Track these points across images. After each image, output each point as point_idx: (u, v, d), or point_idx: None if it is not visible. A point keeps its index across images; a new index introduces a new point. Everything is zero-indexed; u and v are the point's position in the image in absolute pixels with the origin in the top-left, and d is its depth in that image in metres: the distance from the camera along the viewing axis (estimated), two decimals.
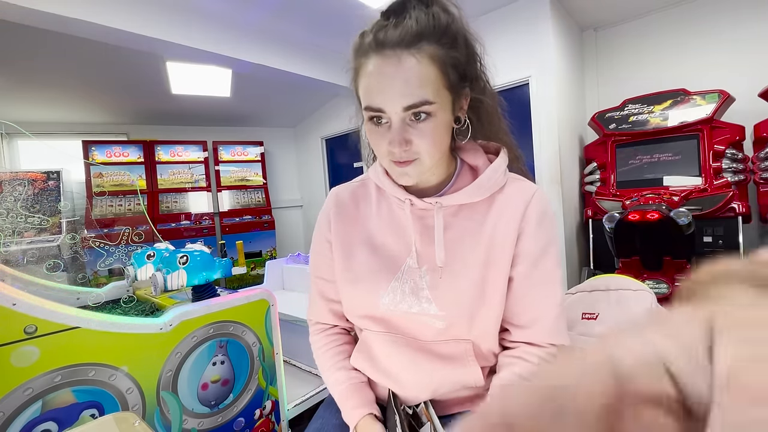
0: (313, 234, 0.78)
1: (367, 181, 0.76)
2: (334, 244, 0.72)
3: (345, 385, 0.70)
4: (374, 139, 0.60)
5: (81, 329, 0.90)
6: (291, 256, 2.42)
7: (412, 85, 0.54)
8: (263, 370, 1.25)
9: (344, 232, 0.72)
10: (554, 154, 2.73)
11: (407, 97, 0.54)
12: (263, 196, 4.61)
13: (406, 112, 0.55)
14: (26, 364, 0.83)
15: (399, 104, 0.55)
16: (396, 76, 0.54)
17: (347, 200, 0.74)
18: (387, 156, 0.60)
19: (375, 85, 0.56)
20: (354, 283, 0.70)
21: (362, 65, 0.58)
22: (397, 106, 0.55)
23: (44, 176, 3.15)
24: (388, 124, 0.58)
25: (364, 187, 0.76)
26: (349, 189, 0.76)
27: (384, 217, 0.70)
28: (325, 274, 0.75)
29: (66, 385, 0.88)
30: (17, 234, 1.39)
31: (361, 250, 0.70)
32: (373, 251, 0.69)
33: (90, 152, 3.69)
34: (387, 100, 0.55)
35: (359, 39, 0.59)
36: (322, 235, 0.75)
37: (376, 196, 0.73)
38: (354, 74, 0.61)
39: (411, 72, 0.54)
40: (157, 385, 1.02)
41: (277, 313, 1.29)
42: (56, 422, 0.87)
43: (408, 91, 0.54)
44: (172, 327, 1.04)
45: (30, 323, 0.84)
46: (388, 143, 0.58)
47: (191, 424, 1.08)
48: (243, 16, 2.74)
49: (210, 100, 3.89)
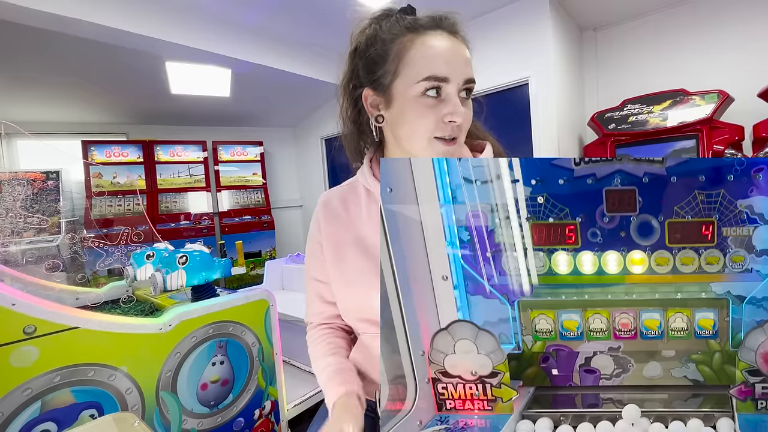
0: (307, 238, 0.78)
1: (355, 184, 0.75)
2: (325, 247, 0.72)
3: (330, 369, 0.69)
4: (424, 115, 0.59)
5: (80, 329, 0.90)
6: (290, 256, 2.42)
7: (467, 63, 0.60)
8: (263, 370, 1.25)
9: (334, 235, 0.72)
10: (554, 154, 2.73)
11: (468, 71, 0.60)
12: (263, 196, 4.61)
13: (464, 85, 0.59)
14: (25, 365, 0.83)
15: (462, 76, 0.59)
16: (459, 52, 0.59)
17: (336, 204, 0.74)
18: (437, 131, 0.60)
19: (441, 55, 0.58)
20: (347, 285, 0.70)
21: (413, 40, 0.59)
22: (460, 77, 0.58)
23: (43, 176, 3.15)
24: (441, 98, 0.59)
25: (353, 190, 0.75)
26: (337, 193, 0.76)
27: (374, 219, 0.70)
28: (320, 276, 0.75)
29: (65, 385, 0.88)
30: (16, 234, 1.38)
31: (352, 253, 0.70)
32: (364, 252, 0.69)
33: (89, 152, 3.69)
34: (454, 71, 0.58)
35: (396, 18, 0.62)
36: (314, 238, 0.75)
37: (365, 199, 0.72)
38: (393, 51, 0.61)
39: (466, 53, 0.61)
40: (156, 385, 1.02)
41: (276, 313, 1.29)
42: (55, 422, 0.87)
43: (468, 68, 0.60)
44: (171, 327, 1.04)
45: (29, 323, 0.84)
46: (446, 114, 0.58)
47: (191, 425, 1.08)
48: (243, 16, 2.74)
49: (209, 100, 3.89)
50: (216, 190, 4.34)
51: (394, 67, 0.60)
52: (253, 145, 4.60)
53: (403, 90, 0.60)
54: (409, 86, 0.59)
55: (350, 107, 0.71)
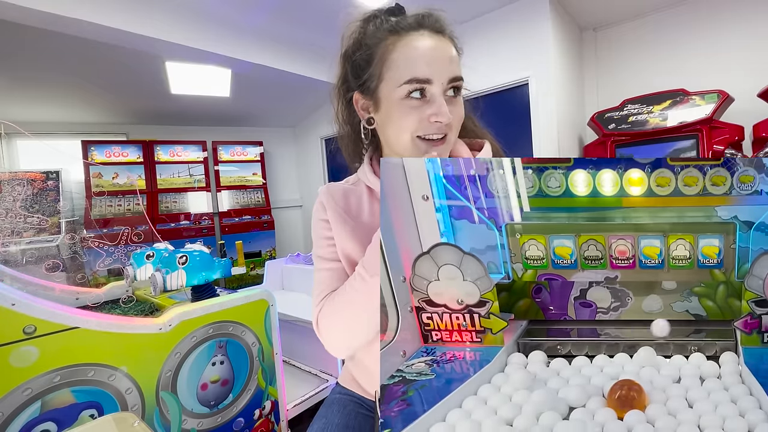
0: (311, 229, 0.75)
1: (358, 183, 0.75)
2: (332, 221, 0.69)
3: None
4: (408, 114, 0.59)
5: (80, 329, 0.90)
6: (290, 256, 2.42)
7: (453, 61, 0.59)
8: (263, 370, 1.25)
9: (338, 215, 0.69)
10: (554, 154, 2.73)
11: (453, 71, 0.59)
12: (263, 196, 4.61)
13: (449, 84, 0.58)
14: (25, 365, 0.83)
15: (446, 75, 0.58)
16: (442, 51, 0.59)
17: (339, 196, 0.73)
18: (422, 131, 0.59)
19: (422, 57, 0.58)
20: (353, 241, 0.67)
21: (395, 43, 0.59)
22: (444, 77, 0.58)
23: (43, 176, 3.14)
24: (426, 99, 0.58)
25: (356, 188, 0.74)
26: (340, 187, 0.75)
27: (375, 216, 0.69)
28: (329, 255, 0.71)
29: (65, 385, 0.88)
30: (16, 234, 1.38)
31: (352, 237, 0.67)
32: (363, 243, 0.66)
33: (89, 152, 3.69)
34: (436, 71, 0.57)
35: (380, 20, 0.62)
36: (319, 218, 0.72)
37: (368, 197, 0.72)
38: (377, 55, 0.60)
39: (451, 50, 0.60)
40: (156, 385, 1.02)
41: (276, 313, 1.29)
42: (55, 422, 0.87)
43: (453, 67, 0.59)
44: (171, 327, 1.04)
45: (29, 323, 0.84)
46: (431, 115, 0.58)
47: (191, 424, 1.08)
48: (243, 17, 2.74)
49: (209, 100, 3.89)
50: (216, 190, 4.34)
51: (378, 71, 0.61)
52: (253, 145, 4.60)
53: (388, 93, 0.60)
54: (393, 89, 0.59)
55: (344, 110, 0.71)
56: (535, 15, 2.69)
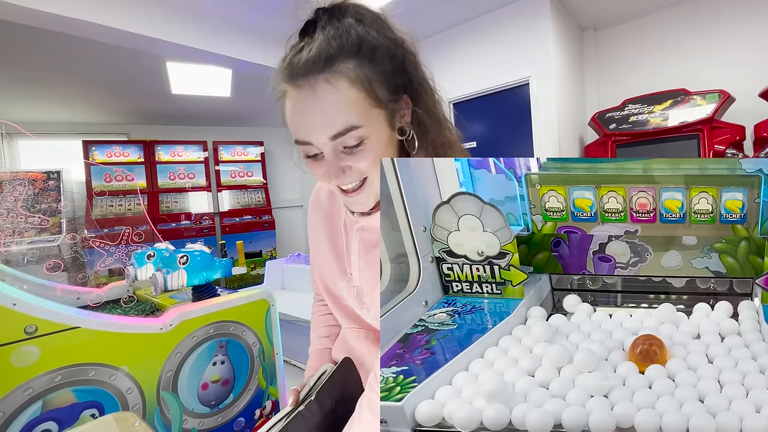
0: None
1: None
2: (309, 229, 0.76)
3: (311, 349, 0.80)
4: (315, 173, 0.55)
5: (81, 329, 0.90)
6: (291, 256, 2.42)
7: (332, 114, 0.49)
8: (263, 370, 1.25)
9: (315, 223, 0.74)
10: (554, 154, 2.72)
11: (331, 126, 0.49)
12: (263, 196, 4.61)
13: (334, 141, 0.50)
14: (26, 364, 0.83)
15: (324, 135, 0.50)
16: (314, 107, 0.49)
17: (324, 196, 0.75)
18: (333, 185, 0.55)
19: (297, 119, 0.51)
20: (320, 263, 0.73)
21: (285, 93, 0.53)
22: (322, 137, 0.50)
23: (44, 176, 3.15)
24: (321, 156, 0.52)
25: None
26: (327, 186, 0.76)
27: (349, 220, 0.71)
28: None
29: (66, 385, 0.88)
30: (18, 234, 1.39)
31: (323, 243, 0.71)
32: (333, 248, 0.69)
33: (90, 152, 3.70)
34: (311, 132, 0.51)
35: (281, 63, 0.53)
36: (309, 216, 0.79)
37: None
38: (282, 102, 0.55)
39: (328, 101, 0.49)
40: (157, 385, 1.02)
41: (277, 313, 1.29)
42: (56, 422, 0.87)
43: (331, 120, 0.49)
44: (172, 327, 1.05)
45: (30, 323, 0.84)
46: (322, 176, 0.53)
47: (191, 424, 1.08)
48: (243, 16, 2.74)
49: (210, 100, 3.89)
50: (216, 190, 4.34)
51: None
52: (254, 145, 4.60)
53: None
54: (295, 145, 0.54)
55: None
56: (536, 15, 2.69)
